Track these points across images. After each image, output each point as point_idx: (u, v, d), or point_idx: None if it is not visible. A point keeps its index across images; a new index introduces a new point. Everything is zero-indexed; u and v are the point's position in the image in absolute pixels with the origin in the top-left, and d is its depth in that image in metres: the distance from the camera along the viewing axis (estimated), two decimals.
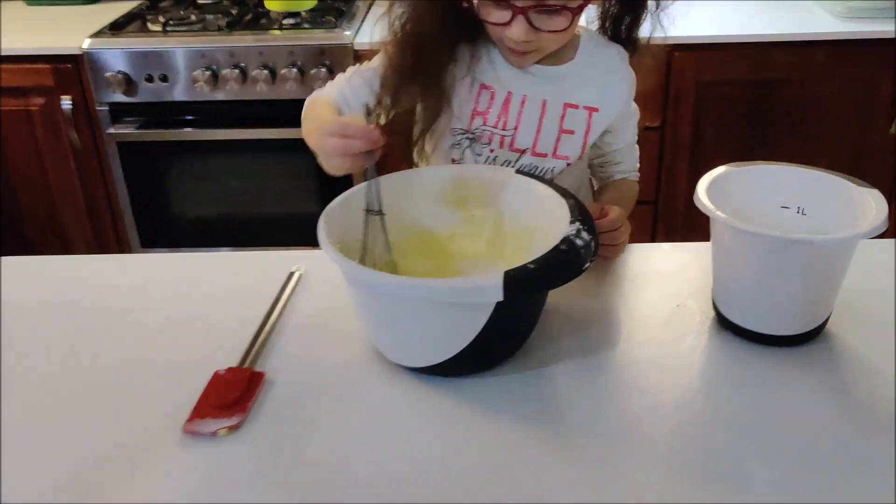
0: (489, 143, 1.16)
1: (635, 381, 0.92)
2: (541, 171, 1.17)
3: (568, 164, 1.17)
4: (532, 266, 0.82)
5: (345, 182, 1.02)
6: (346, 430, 0.86)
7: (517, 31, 1.02)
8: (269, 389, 0.92)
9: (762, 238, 0.88)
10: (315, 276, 1.12)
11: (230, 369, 0.94)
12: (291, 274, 1.13)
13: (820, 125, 2.20)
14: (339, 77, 1.16)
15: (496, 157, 1.17)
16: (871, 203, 0.92)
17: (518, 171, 1.03)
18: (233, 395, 0.89)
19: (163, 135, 2.22)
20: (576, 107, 1.14)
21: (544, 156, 1.17)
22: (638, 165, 1.28)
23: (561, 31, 1.03)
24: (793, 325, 0.94)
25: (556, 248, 0.85)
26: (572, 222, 0.89)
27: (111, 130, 2.21)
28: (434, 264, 1.05)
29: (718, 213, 0.91)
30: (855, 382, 0.91)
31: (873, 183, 2.28)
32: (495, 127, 1.14)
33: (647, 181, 1.27)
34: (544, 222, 0.98)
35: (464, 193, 1.05)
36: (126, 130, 2.21)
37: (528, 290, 0.83)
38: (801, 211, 1.01)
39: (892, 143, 2.21)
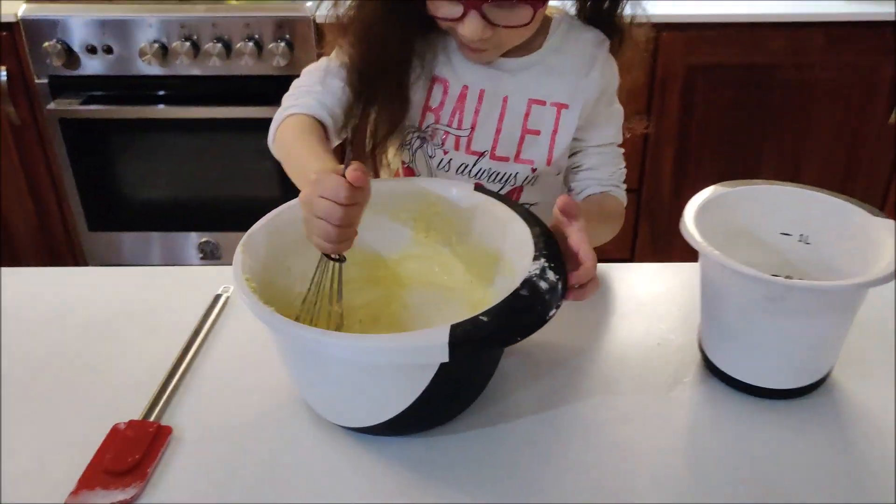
0: (443, 144, 1.01)
1: (608, 442, 0.78)
2: (503, 178, 1.03)
3: (533, 170, 1.02)
4: (485, 319, 0.68)
5: None
6: (268, 501, 0.72)
7: (470, 28, 0.86)
8: (176, 449, 0.77)
9: (761, 283, 0.74)
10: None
11: (132, 423, 0.79)
12: (217, 297, 0.98)
13: (816, 112, 2.06)
14: (308, 78, 0.98)
15: (451, 159, 1.02)
16: (885, 238, 0.78)
17: (478, 188, 0.88)
18: (131, 456, 0.75)
19: (108, 112, 2.04)
20: (542, 103, 0.99)
21: (505, 160, 1.02)
22: (623, 182, 1.07)
23: (522, 26, 0.88)
24: (792, 378, 0.81)
25: (515, 293, 0.71)
26: (536, 258, 0.75)
27: (52, 106, 2.03)
28: (380, 292, 0.91)
29: (709, 248, 0.77)
30: (860, 442, 0.78)
31: (869, 173, 2.15)
32: (449, 125, 1.00)
33: (630, 170, 1.10)
34: (506, 250, 0.84)
35: (416, 211, 0.90)
36: (68, 106, 2.03)
37: (479, 348, 0.69)
38: (803, 239, 0.87)
39: (890, 131, 2.07)
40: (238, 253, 0.77)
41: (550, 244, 0.77)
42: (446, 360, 0.66)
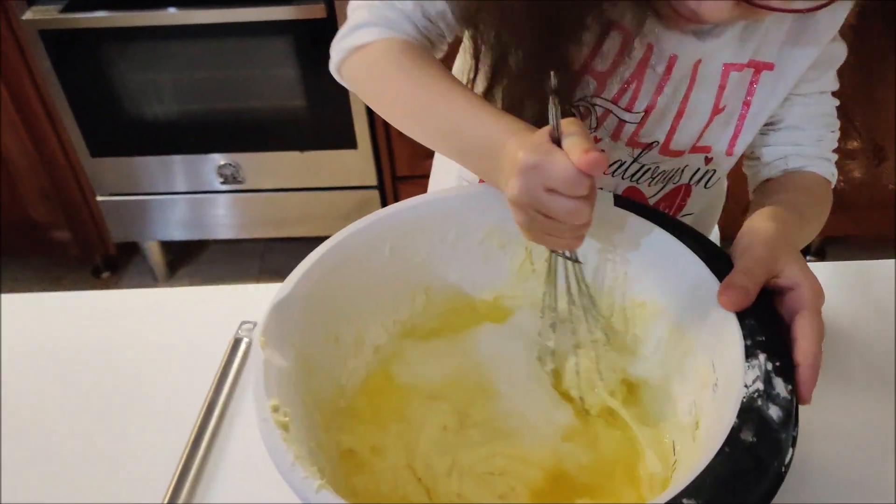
0: (597, 128, 0.66)
1: None
2: (666, 177, 0.70)
3: (708, 160, 0.69)
4: None
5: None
6: None
7: (713, 9, 0.51)
8: None
9: None
10: None
11: None
12: (237, 343, 0.69)
13: None
14: None
15: (601, 151, 0.66)
16: None
17: (618, 202, 0.56)
18: None
19: (94, 20, 1.70)
20: (739, 67, 0.64)
21: (679, 153, 0.68)
22: (833, 152, 0.69)
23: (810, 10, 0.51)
24: None
25: (733, 440, 0.41)
26: (750, 350, 0.45)
27: (28, 16, 1.70)
28: (463, 357, 0.60)
29: None
30: None
31: None
32: (615, 102, 0.64)
33: None
34: (674, 308, 0.54)
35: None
36: (46, 15, 1.70)
37: None
38: None
39: None
40: (257, 352, 0.48)
41: (766, 319, 0.47)
42: None
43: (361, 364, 0.58)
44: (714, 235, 0.86)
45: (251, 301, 0.73)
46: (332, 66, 0.67)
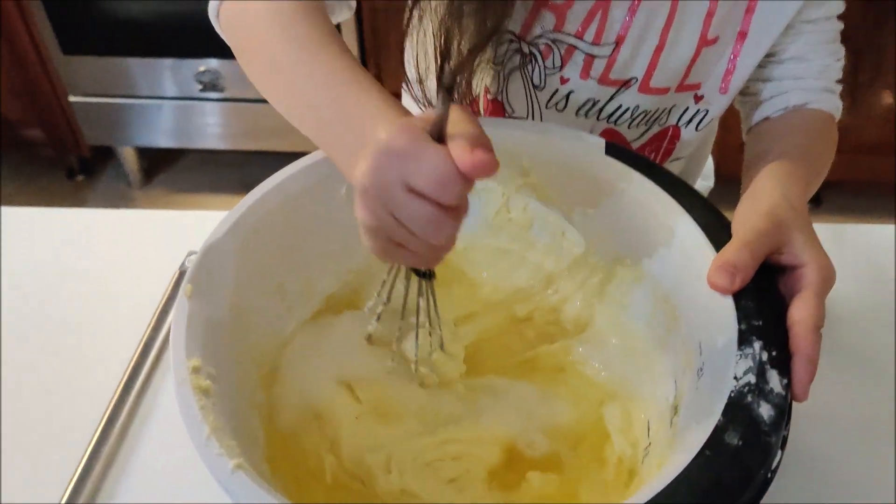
0: (562, 67, 0.59)
1: None
2: (649, 119, 0.62)
3: (698, 99, 0.62)
4: None
5: None
6: None
7: None
8: None
9: None
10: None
11: None
12: (182, 275, 0.63)
13: None
14: None
15: (571, 91, 0.60)
16: None
17: (611, 150, 0.50)
18: None
19: None
20: None
21: (662, 91, 0.60)
22: (838, 82, 0.61)
23: None
24: None
25: (716, 443, 0.36)
26: (745, 336, 0.39)
27: None
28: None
29: None
30: None
31: None
32: (580, 37, 0.57)
33: None
34: (659, 274, 0.48)
35: (498, 177, 0.52)
36: None
37: None
38: None
39: None
40: (181, 303, 0.42)
41: (765, 301, 0.41)
42: None
43: (308, 315, 0.52)
44: (707, 166, 0.79)
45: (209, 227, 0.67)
46: (212, 10, 0.54)
